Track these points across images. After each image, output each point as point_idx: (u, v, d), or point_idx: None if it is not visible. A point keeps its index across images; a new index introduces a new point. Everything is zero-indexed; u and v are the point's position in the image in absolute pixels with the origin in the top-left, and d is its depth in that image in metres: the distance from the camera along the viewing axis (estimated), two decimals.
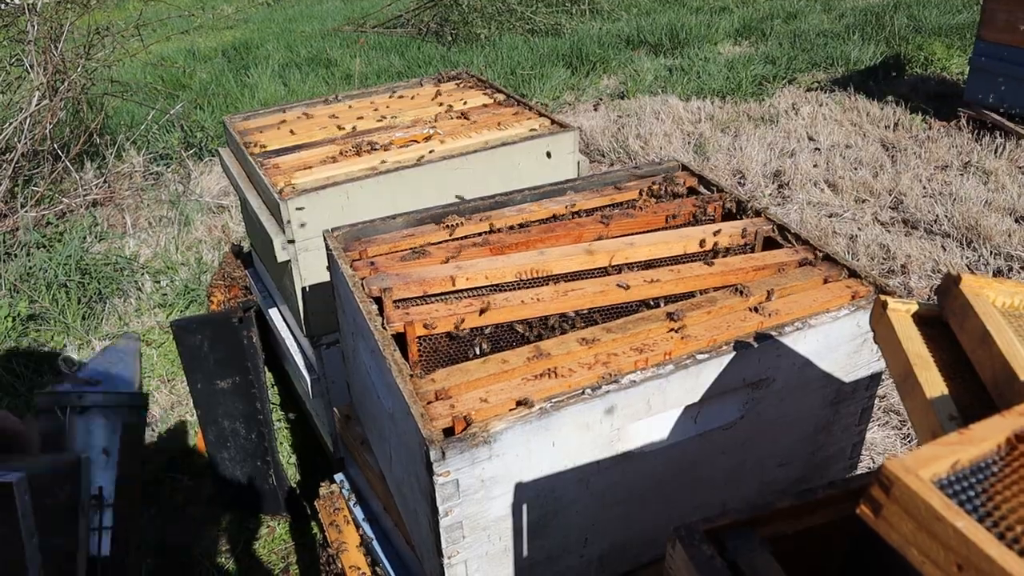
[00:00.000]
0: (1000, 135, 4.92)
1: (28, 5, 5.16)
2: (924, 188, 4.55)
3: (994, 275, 3.79)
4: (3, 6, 7.60)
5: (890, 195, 4.49)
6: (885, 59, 6.50)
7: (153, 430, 3.40)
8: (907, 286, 3.76)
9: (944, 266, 3.87)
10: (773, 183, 4.68)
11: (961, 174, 4.64)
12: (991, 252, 3.94)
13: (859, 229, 4.19)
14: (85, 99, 5.60)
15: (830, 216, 4.32)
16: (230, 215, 4.88)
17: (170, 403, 3.52)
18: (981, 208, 4.24)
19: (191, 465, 3.25)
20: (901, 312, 1.11)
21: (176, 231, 4.79)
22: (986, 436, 0.75)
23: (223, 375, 2.91)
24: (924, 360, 1.03)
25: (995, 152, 4.79)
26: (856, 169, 4.77)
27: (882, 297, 1.13)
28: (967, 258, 3.95)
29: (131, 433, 1.54)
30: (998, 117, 4.98)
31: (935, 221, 4.22)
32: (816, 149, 5.05)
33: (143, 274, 4.37)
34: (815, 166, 4.80)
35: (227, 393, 2.93)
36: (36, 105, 5.03)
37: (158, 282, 4.31)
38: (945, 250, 4.00)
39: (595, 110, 5.91)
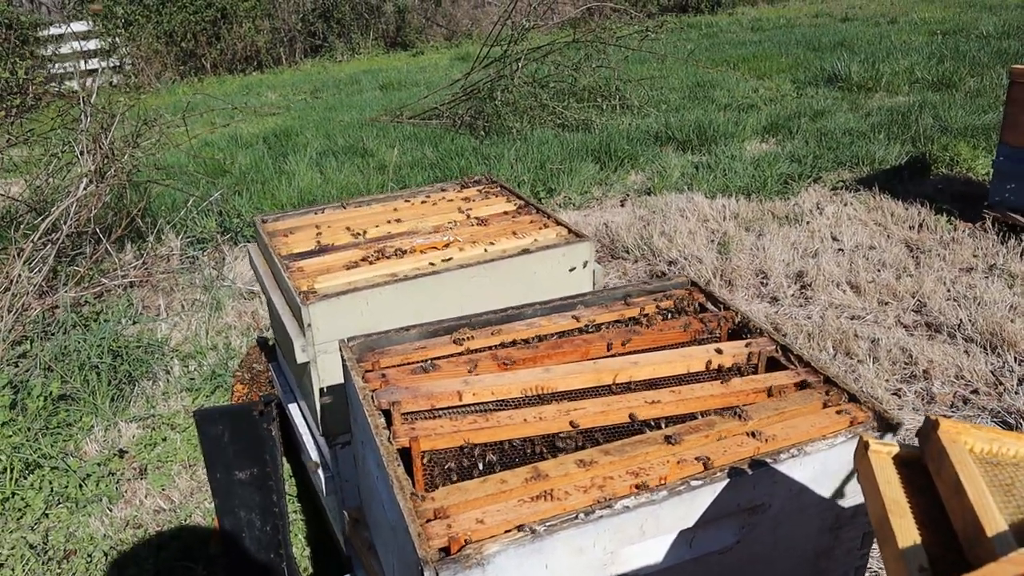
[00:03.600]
0: None
1: (83, 97, 5.44)
2: (948, 291, 4.55)
3: (1020, 382, 3.76)
4: (56, 86, 8.00)
5: (913, 298, 4.49)
6: (911, 159, 6.57)
7: (171, 516, 3.45)
8: (929, 392, 3.74)
9: (968, 372, 3.85)
10: (796, 284, 4.72)
11: (986, 277, 4.64)
12: (1016, 359, 3.91)
13: (881, 332, 4.19)
14: (129, 184, 5.83)
15: (852, 318, 4.34)
16: (260, 301, 5.00)
17: (190, 490, 3.57)
18: (1006, 313, 4.23)
19: (205, 554, 3.27)
20: (882, 454, 1.15)
21: (207, 315, 4.92)
22: None
23: (242, 466, 2.96)
24: (900, 507, 1.05)
25: (1021, 255, 4.80)
26: (879, 271, 4.79)
27: (864, 437, 1.16)
28: (991, 364, 3.92)
29: None
30: (1023, 220, 5.01)
31: (959, 325, 4.21)
32: (840, 250, 5.09)
33: (172, 358, 4.48)
34: (838, 267, 4.84)
35: (245, 484, 2.98)
36: (84, 190, 5.25)
37: (187, 366, 4.42)
38: (969, 356, 3.98)
39: (622, 206, 6.03)
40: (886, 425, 1.58)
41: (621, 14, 11.35)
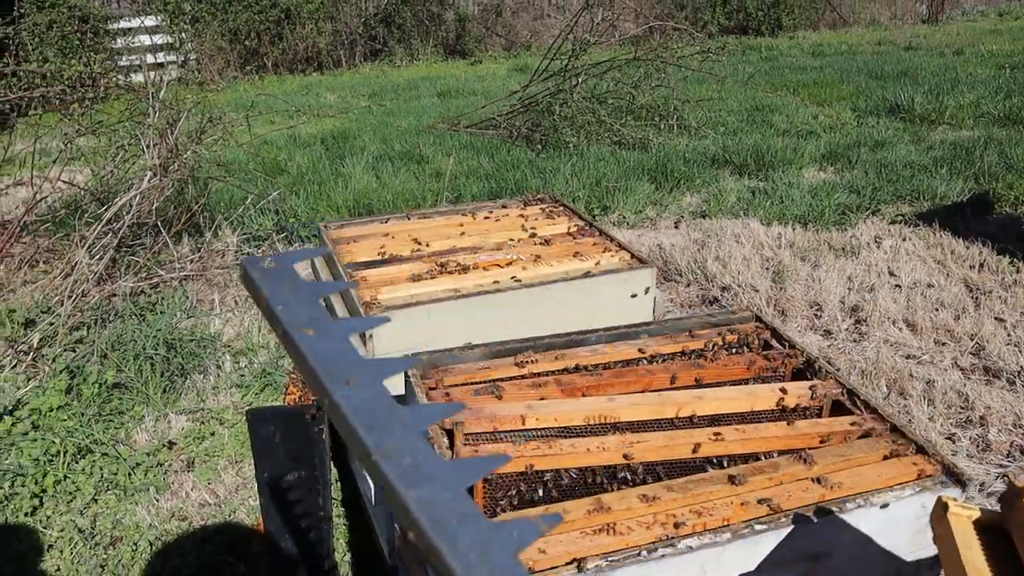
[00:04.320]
0: None
1: (152, 92, 5.56)
2: (1008, 335, 4.45)
3: None
4: (123, 78, 8.20)
5: (972, 340, 4.40)
6: (974, 196, 6.44)
7: (216, 511, 3.49)
8: (984, 439, 3.65)
9: None
10: (850, 318, 4.64)
11: None
12: None
13: (937, 374, 4.10)
14: (191, 179, 5.94)
15: (907, 357, 4.25)
16: None
17: (235, 486, 3.62)
18: None
19: (248, 551, 3.31)
20: (962, 517, 1.12)
21: (260, 313, 4.99)
22: None
23: (290, 467, 2.99)
24: (980, 573, 1.03)
25: None
26: (937, 310, 4.70)
27: (944, 498, 1.14)
28: None
29: None
30: None
31: (1019, 372, 4.11)
32: (897, 286, 5.00)
33: (224, 353, 4.55)
34: (894, 303, 4.75)
35: (292, 485, 3.01)
36: (147, 183, 5.36)
37: (237, 363, 4.48)
38: None
39: (676, 228, 6.00)
40: (955, 480, 1.55)
41: (682, 34, 11.31)
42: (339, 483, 3.50)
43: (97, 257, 5.15)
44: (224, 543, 3.34)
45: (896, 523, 1.53)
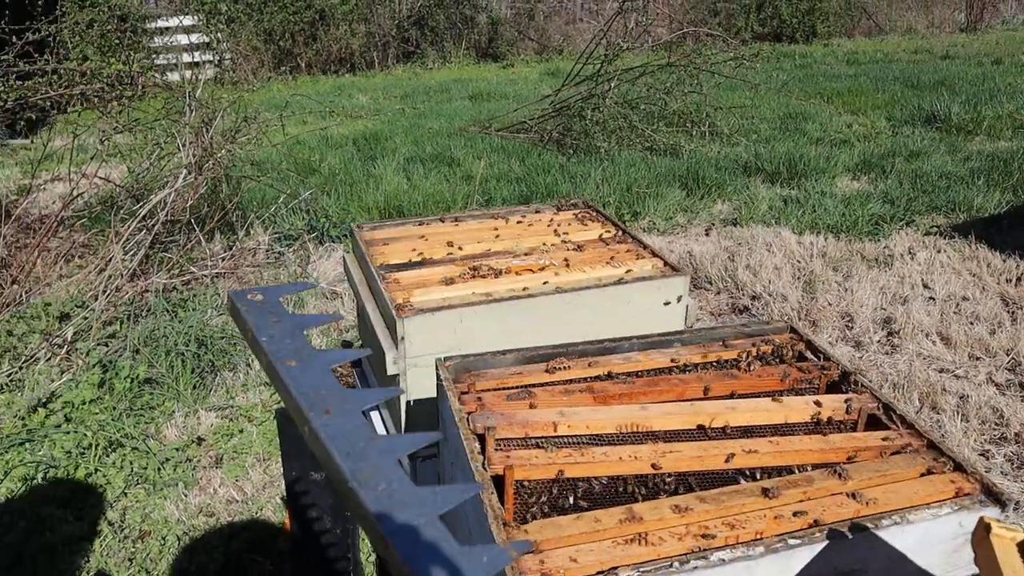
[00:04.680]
0: None
1: (188, 92, 5.63)
2: None
3: None
4: (160, 77, 8.29)
5: (1007, 355, 4.33)
6: (1011, 208, 6.34)
7: (243, 507, 3.52)
8: (1019, 456, 3.59)
9: None
10: (882, 330, 4.59)
11: None
12: None
13: (971, 388, 4.04)
14: (225, 178, 6.01)
15: (941, 371, 4.19)
16: (342, 302, 5.09)
17: (263, 483, 3.64)
18: None
19: (274, 548, 3.33)
20: (1006, 539, 1.10)
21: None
22: None
23: (318, 467, 3.01)
24: None
25: None
26: (972, 323, 4.63)
27: (986, 519, 1.12)
28: None
29: None
30: None
31: None
32: (931, 298, 4.94)
33: None
34: (928, 316, 4.69)
35: (319, 485, 3.02)
36: (182, 181, 5.43)
37: None
38: None
39: (706, 235, 5.96)
40: (994, 498, 1.52)
41: (716, 40, 11.25)
42: None
43: (131, 253, 5.22)
44: (250, 540, 3.37)
45: (932, 542, 1.50)
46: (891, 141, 8.33)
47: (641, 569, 1.32)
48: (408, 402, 2.32)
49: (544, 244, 2.70)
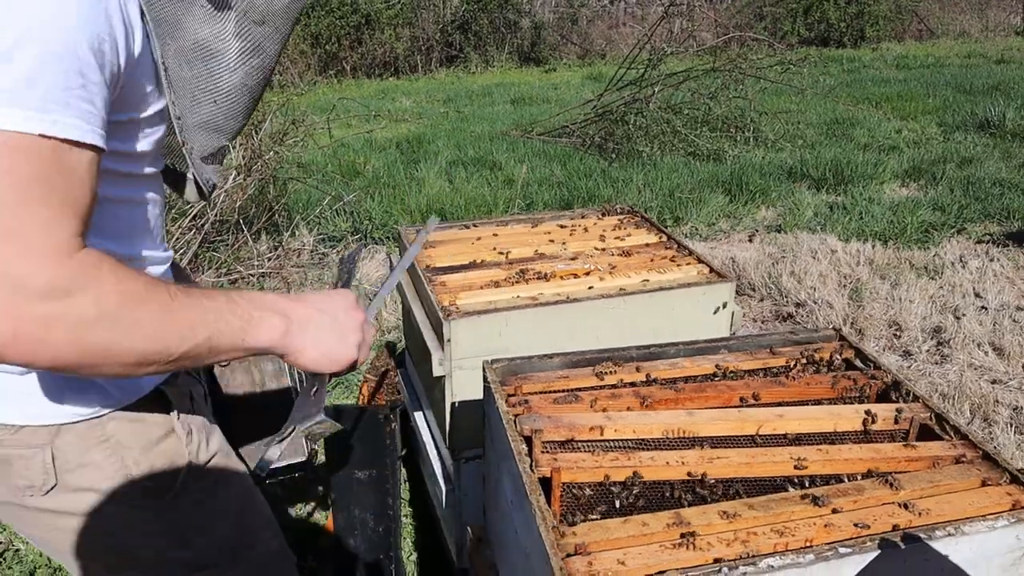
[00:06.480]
0: None
1: None
2: None
3: None
4: None
5: None
6: None
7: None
8: None
9: None
10: (932, 339, 4.51)
11: None
12: None
13: None
14: (272, 179, 6.10)
15: (993, 382, 4.11)
16: (384, 304, 5.13)
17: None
18: None
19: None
20: None
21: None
22: None
23: (362, 466, 3.05)
24: None
25: None
26: None
27: None
28: None
29: None
30: None
31: None
32: (983, 308, 4.84)
33: None
34: (980, 326, 4.59)
35: (363, 484, 3.06)
36: (232, 182, 5.52)
37: None
38: None
39: (750, 241, 5.91)
40: None
41: (761, 44, 11.15)
42: (407, 483, 3.54)
43: (181, 252, 5.32)
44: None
45: (987, 555, 1.47)
46: (942, 147, 8.18)
47: (689, 573, 1.32)
48: (453, 404, 2.34)
49: (590, 249, 2.70)
